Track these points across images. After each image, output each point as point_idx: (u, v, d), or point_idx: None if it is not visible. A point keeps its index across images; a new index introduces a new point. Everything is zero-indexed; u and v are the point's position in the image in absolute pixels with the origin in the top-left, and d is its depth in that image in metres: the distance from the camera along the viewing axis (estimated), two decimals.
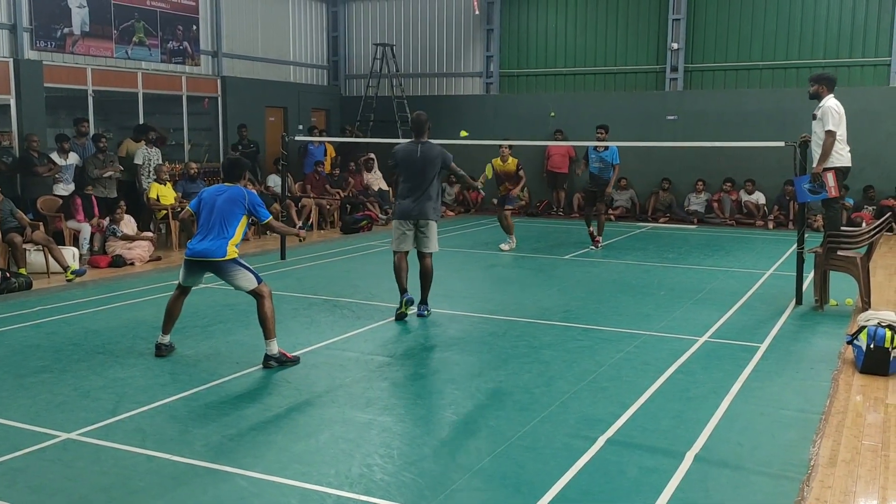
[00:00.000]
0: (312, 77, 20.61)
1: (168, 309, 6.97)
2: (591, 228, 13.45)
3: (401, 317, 8.19)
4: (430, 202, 8.35)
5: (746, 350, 7.16)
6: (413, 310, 8.34)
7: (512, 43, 19.71)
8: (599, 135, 13.30)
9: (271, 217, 7.04)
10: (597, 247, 13.21)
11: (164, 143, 14.83)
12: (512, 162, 13.04)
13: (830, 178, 8.70)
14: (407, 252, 8.38)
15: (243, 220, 6.85)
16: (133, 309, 8.82)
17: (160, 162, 13.89)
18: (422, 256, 8.40)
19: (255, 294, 6.76)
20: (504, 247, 13.12)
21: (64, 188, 12.54)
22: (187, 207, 7.14)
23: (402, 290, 8.25)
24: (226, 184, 7.02)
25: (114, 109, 15.53)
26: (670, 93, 18.03)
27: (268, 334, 6.66)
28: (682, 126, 17.45)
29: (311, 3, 20.31)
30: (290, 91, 19.26)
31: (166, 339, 6.98)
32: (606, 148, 13.14)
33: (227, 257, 6.72)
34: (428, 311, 8.42)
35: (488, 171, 13.08)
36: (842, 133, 8.76)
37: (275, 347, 6.65)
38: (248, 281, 6.76)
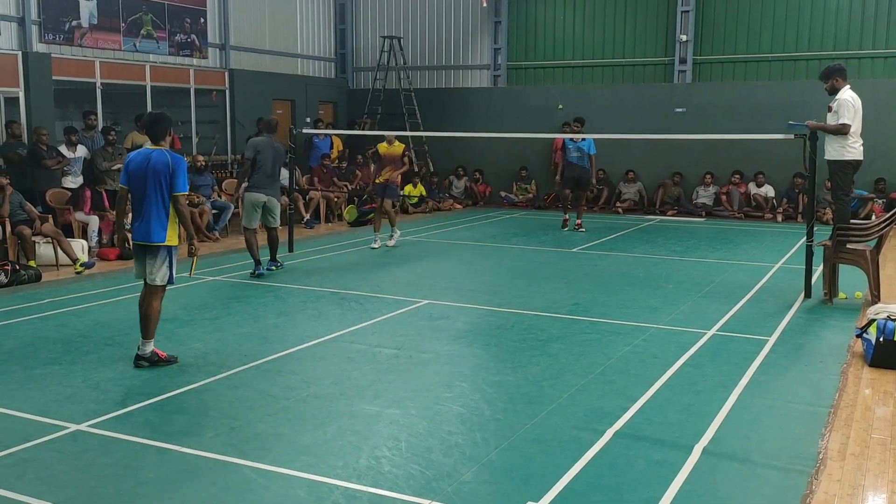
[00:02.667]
0: (320, 70, 20.60)
1: (140, 306, 6.58)
2: (568, 216, 14.82)
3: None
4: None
5: (755, 343, 7.14)
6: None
7: (520, 35, 19.66)
8: (576, 128, 14.30)
9: (184, 193, 6.38)
10: (581, 229, 14.35)
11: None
12: (398, 146, 12.72)
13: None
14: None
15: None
16: None
17: None
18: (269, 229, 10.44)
19: (152, 289, 6.45)
20: (391, 242, 12.56)
21: (72, 181, 12.57)
22: (120, 185, 6.62)
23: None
24: (148, 146, 6.48)
25: (122, 102, 15.56)
26: (679, 85, 17.96)
27: (145, 332, 6.39)
28: (691, 118, 17.37)
29: None
30: (298, 84, 19.26)
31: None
32: (583, 139, 14.07)
33: (164, 243, 6.36)
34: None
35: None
36: (856, 127, 8.71)
37: (150, 347, 6.41)
38: (161, 276, 6.42)
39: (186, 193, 6.47)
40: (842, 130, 8.63)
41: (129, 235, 6.77)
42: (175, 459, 4.68)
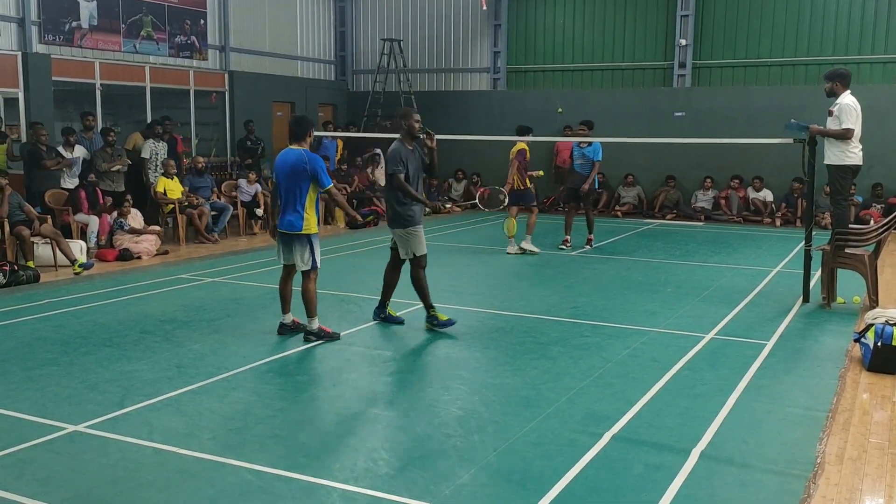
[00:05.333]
0: (320, 72, 20.62)
1: (280, 292, 7.49)
2: (569, 235, 13.01)
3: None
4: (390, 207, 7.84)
5: (753, 347, 7.14)
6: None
7: (519, 38, 19.68)
8: (581, 131, 12.93)
9: (332, 184, 7.17)
10: (590, 245, 12.94)
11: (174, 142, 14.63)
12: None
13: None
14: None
15: (312, 189, 7.03)
16: (140, 302, 8.85)
17: (166, 156, 13.87)
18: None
19: (304, 274, 7.21)
20: (526, 246, 12.33)
21: (70, 181, 12.57)
22: (271, 182, 7.44)
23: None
24: (291, 146, 7.13)
25: (121, 103, 15.57)
26: (678, 89, 17.98)
27: (308, 312, 7.19)
28: (690, 123, 17.40)
29: None
30: (298, 86, 19.27)
31: (288, 318, 7.44)
32: (589, 144, 12.67)
33: (302, 231, 7.05)
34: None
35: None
36: (857, 132, 8.72)
37: (315, 324, 7.20)
38: (306, 261, 7.14)
39: (332, 185, 7.16)
40: (845, 135, 8.63)
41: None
42: (173, 461, 4.67)
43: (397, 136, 7.75)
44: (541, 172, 13.22)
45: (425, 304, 7.74)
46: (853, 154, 8.75)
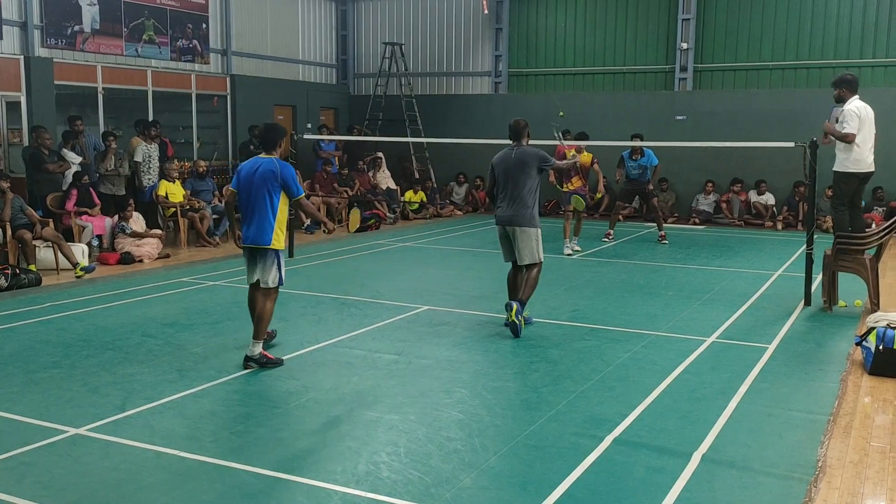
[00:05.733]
0: (321, 76, 20.65)
1: (249, 307, 6.88)
2: (611, 231, 14.48)
3: (509, 325, 7.58)
4: (524, 209, 7.82)
5: (754, 351, 7.14)
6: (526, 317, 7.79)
7: (521, 42, 19.70)
8: (636, 140, 14.04)
9: (303, 195, 6.70)
10: (664, 241, 13.96)
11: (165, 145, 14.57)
12: (588, 155, 13.22)
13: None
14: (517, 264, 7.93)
15: (283, 199, 6.58)
16: (142, 306, 8.86)
17: (157, 159, 13.77)
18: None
19: (266, 292, 6.70)
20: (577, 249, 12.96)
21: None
22: (228, 187, 6.76)
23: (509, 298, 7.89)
24: (261, 155, 6.69)
25: (123, 107, 15.59)
26: (679, 93, 17.99)
27: (256, 333, 6.58)
28: (692, 126, 17.41)
29: (320, 1, 20.34)
30: (299, 90, 19.31)
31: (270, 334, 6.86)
32: (642, 155, 13.99)
33: (270, 246, 6.56)
34: (523, 317, 7.61)
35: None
36: (861, 138, 8.73)
37: (258, 349, 6.57)
38: (272, 278, 6.64)
39: (304, 195, 6.75)
40: (845, 139, 8.66)
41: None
42: (174, 464, 4.68)
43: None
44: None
45: (525, 300, 7.72)
46: (858, 161, 8.77)
